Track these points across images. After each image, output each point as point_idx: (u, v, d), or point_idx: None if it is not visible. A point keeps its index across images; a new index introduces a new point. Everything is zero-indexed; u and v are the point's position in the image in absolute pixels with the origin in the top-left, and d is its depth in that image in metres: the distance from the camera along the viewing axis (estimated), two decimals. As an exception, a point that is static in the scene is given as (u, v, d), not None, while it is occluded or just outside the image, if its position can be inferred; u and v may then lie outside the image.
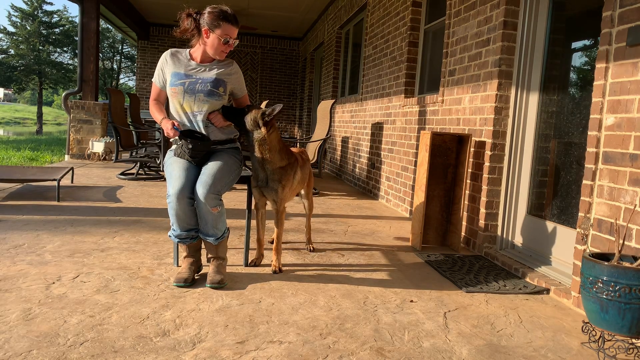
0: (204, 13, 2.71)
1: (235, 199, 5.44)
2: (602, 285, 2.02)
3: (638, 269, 1.98)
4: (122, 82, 46.79)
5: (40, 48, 35.94)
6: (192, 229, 2.72)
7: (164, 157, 2.89)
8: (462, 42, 4.17)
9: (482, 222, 3.69)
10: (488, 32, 3.74)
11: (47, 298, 2.34)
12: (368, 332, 2.20)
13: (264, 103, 10.47)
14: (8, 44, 36.07)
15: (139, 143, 7.32)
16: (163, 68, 2.81)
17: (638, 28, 2.37)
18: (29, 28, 35.74)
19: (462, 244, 3.95)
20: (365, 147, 6.94)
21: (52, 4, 44.24)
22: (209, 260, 2.79)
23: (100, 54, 34.28)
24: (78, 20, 9.00)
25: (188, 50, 2.84)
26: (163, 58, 2.82)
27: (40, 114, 34.29)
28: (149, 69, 13.48)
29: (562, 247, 3.13)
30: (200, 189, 2.57)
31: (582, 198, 2.68)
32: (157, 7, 11.40)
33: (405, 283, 2.92)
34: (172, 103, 2.79)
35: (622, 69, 2.48)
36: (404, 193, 5.30)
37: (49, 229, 3.63)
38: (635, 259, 2.14)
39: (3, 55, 36.15)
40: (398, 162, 5.58)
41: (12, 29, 36.36)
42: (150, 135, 10.68)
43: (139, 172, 6.87)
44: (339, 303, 2.53)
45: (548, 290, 2.89)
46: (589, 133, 2.65)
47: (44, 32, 36.51)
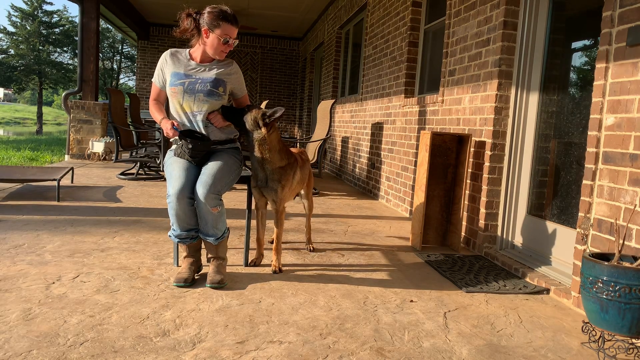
0: (204, 13, 2.71)
1: (235, 199, 5.44)
2: (602, 285, 2.02)
3: (638, 269, 1.98)
4: (122, 82, 46.84)
5: (40, 48, 35.94)
6: (192, 229, 2.72)
7: (164, 157, 2.89)
8: (462, 42, 4.17)
9: (482, 222, 3.69)
10: (488, 32, 3.74)
11: (47, 298, 2.34)
12: (368, 332, 2.20)
13: (264, 103, 10.47)
14: (8, 44, 36.09)
15: (139, 143, 7.32)
16: (163, 68, 2.81)
17: (638, 28, 2.37)
18: (29, 28, 35.75)
19: (462, 244, 3.95)
20: (365, 147, 6.94)
21: (52, 4, 44.32)
22: (209, 260, 2.79)
23: (100, 54, 34.27)
24: (78, 20, 9.00)
25: (188, 50, 2.84)
26: (163, 58, 2.82)
27: (40, 114, 34.29)
28: (149, 69, 13.48)
29: (562, 247, 3.13)
30: (200, 189, 2.58)
31: (582, 198, 2.68)
32: (157, 7, 11.41)
33: (405, 283, 2.92)
34: (171, 103, 2.79)
35: (622, 69, 2.48)
36: (404, 193, 5.30)
37: (49, 229, 3.63)
38: (635, 259, 2.14)
39: (3, 55, 36.16)
40: (398, 162, 5.58)
41: (12, 29, 36.38)
42: (150, 135, 10.68)
43: (139, 172, 6.87)
44: (339, 303, 2.53)
45: (548, 290, 2.90)
46: (589, 133, 2.65)
47: (44, 32, 36.51)
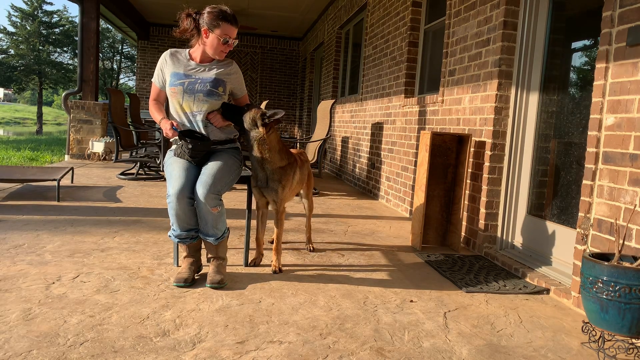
0: (204, 13, 2.71)
1: (235, 199, 5.44)
2: (602, 285, 2.02)
3: (638, 269, 1.98)
4: (122, 82, 46.82)
5: (40, 48, 35.94)
6: (192, 229, 2.72)
7: (164, 157, 2.89)
8: (462, 42, 4.17)
9: (482, 222, 3.69)
10: (488, 32, 3.74)
11: (47, 298, 2.34)
12: (368, 332, 2.20)
13: (264, 103, 10.47)
14: (8, 44, 36.08)
15: (139, 143, 7.32)
16: (162, 68, 2.81)
17: (638, 28, 2.37)
18: (29, 28, 35.74)
19: (462, 244, 3.95)
20: (365, 147, 6.94)
21: (52, 4, 44.30)
22: (209, 260, 2.79)
23: (100, 54, 34.26)
24: (78, 20, 9.00)
25: (187, 51, 2.84)
26: (162, 58, 2.82)
27: (40, 114, 34.29)
28: (149, 69, 13.48)
29: (562, 247, 3.13)
30: (200, 189, 2.58)
31: (582, 198, 2.68)
32: (157, 7, 11.41)
33: (405, 283, 2.92)
34: (171, 103, 2.79)
35: (622, 69, 2.48)
36: (404, 193, 5.30)
37: (49, 229, 3.63)
38: (635, 259, 2.14)
39: (3, 55, 36.16)
40: (398, 162, 5.58)
41: (12, 29, 36.38)
42: (150, 135, 10.67)
43: (139, 172, 6.87)
44: (339, 303, 2.53)
45: (548, 290, 2.89)
46: (589, 133, 2.65)
47: (44, 32, 36.51)
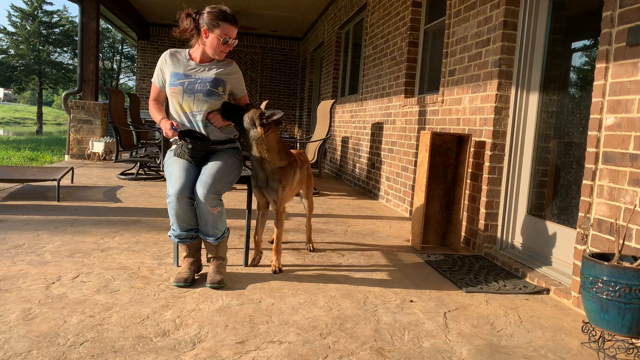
0: (203, 13, 2.71)
1: (235, 199, 5.44)
2: (602, 285, 2.02)
3: (638, 269, 1.98)
4: (122, 82, 46.82)
5: (40, 48, 35.94)
6: (192, 229, 2.72)
7: (164, 157, 2.89)
8: (462, 42, 4.17)
9: (482, 222, 3.69)
10: (488, 32, 3.74)
11: (47, 298, 2.34)
12: (368, 332, 2.20)
13: (264, 103, 10.47)
14: (8, 44, 36.08)
15: (139, 143, 7.32)
16: (162, 68, 2.81)
17: (638, 28, 2.37)
18: (29, 28, 35.74)
19: (462, 244, 3.95)
20: (365, 147, 6.93)
21: (52, 4, 44.31)
22: (209, 260, 2.79)
23: (100, 54, 34.26)
24: (78, 20, 9.00)
25: (187, 51, 2.84)
26: (162, 58, 2.82)
27: (40, 114, 34.29)
28: (149, 69, 13.48)
29: (562, 247, 3.13)
30: (200, 189, 2.57)
31: (582, 198, 2.68)
32: (157, 7, 11.40)
33: (405, 283, 2.92)
34: (171, 103, 2.79)
35: (622, 69, 2.48)
36: (404, 193, 5.30)
37: (49, 229, 3.63)
38: (635, 259, 2.14)
39: (3, 55, 36.16)
40: (398, 162, 5.57)
41: (12, 29, 36.38)
42: (150, 135, 10.67)
43: (139, 172, 6.87)
44: (339, 303, 2.53)
45: (548, 290, 2.89)
46: (589, 133, 2.65)
47: (44, 32, 36.51)
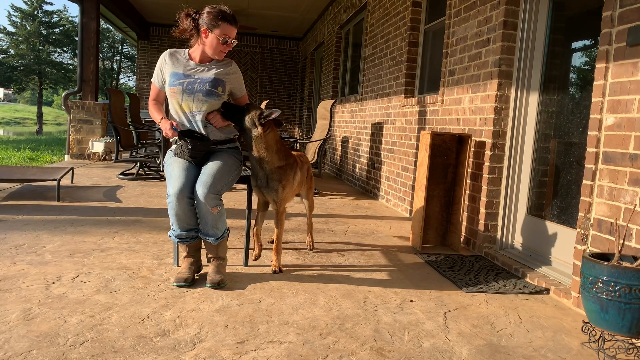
0: (203, 13, 2.71)
1: (235, 199, 5.44)
2: (602, 285, 2.02)
3: (638, 269, 1.98)
4: (122, 82, 46.81)
5: (40, 48, 35.94)
6: (192, 229, 2.72)
7: (164, 157, 2.89)
8: (462, 42, 4.17)
9: (482, 222, 3.69)
10: (488, 32, 3.74)
11: (47, 298, 2.34)
12: (368, 332, 2.20)
13: (264, 103, 10.47)
14: (8, 44, 36.08)
15: (139, 143, 7.32)
16: (162, 68, 2.81)
17: (638, 28, 2.37)
18: (29, 28, 35.74)
19: (462, 244, 3.95)
20: (365, 147, 6.93)
21: (52, 4, 44.31)
22: (209, 260, 2.79)
23: (100, 54, 34.27)
24: (78, 20, 9.00)
25: (187, 51, 2.84)
26: (162, 58, 2.82)
27: (40, 114, 34.29)
28: (149, 69, 13.48)
29: (562, 247, 3.13)
30: (200, 189, 2.57)
31: (582, 198, 2.68)
32: (157, 7, 11.40)
33: (405, 283, 2.92)
34: (171, 103, 2.79)
35: (622, 69, 2.48)
36: (404, 193, 5.30)
37: (49, 229, 3.63)
38: (635, 259, 2.14)
39: (3, 55, 36.16)
40: (398, 162, 5.57)
41: (12, 29, 36.38)
42: (150, 135, 10.67)
43: (139, 172, 6.87)
44: (339, 303, 2.53)
45: (548, 290, 2.89)
46: (589, 133, 2.65)
47: (44, 32, 36.50)
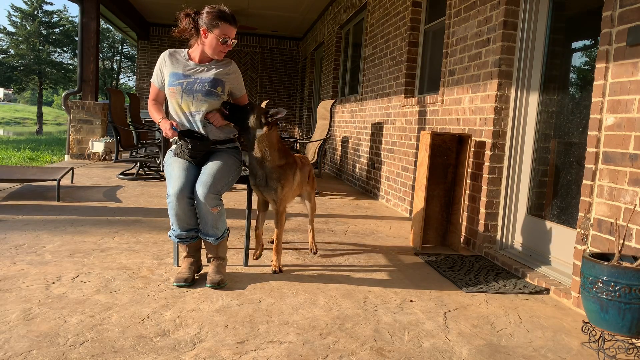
0: (203, 13, 2.71)
1: (235, 199, 5.44)
2: (602, 285, 2.02)
3: (638, 269, 1.98)
4: (122, 82, 46.81)
5: (40, 48, 35.94)
6: (192, 229, 2.72)
7: (164, 157, 2.89)
8: (462, 42, 4.17)
9: (482, 222, 3.69)
10: (488, 32, 3.74)
11: (47, 298, 2.34)
12: (368, 332, 2.20)
13: (264, 103, 10.47)
14: (8, 44, 36.08)
15: (139, 143, 7.32)
16: (162, 68, 2.81)
17: (638, 28, 2.37)
18: (29, 28, 35.74)
19: (462, 244, 3.95)
20: (365, 147, 6.93)
21: (52, 4, 44.32)
22: (209, 260, 2.79)
23: (100, 54, 34.26)
24: (78, 20, 9.00)
25: (186, 51, 2.84)
26: (161, 58, 2.82)
27: (40, 114, 34.29)
28: (149, 69, 13.48)
29: (562, 247, 3.13)
30: (200, 189, 2.57)
31: (582, 198, 2.68)
32: (157, 7, 11.40)
33: (405, 283, 2.92)
34: (170, 103, 2.79)
35: (622, 69, 2.48)
36: (404, 193, 5.30)
37: (49, 229, 3.63)
38: (635, 259, 2.14)
39: (3, 55, 36.16)
40: (398, 162, 5.57)
41: (12, 29, 36.38)
42: (150, 135, 10.68)
43: (139, 172, 6.87)
44: (339, 303, 2.53)
45: (548, 290, 2.89)
46: (589, 133, 2.65)
47: (44, 32, 36.50)
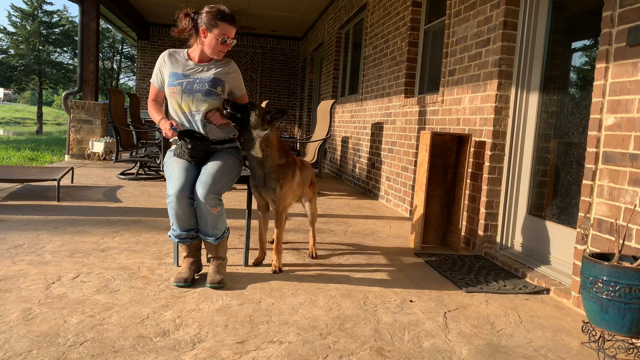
0: (202, 13, 2.71)
1: (235, 199, 5.44)
2: (602, 285, 2.02)
3: (638, 269, 1.98)
4: (122, 82, 46.81)
5: (40, 48, 35.93)
6: (192, 229, 2.72)
7: (164, 157, 2.89)
8: (462, 42, 4.17)
9: (482, 222, 3.69)
10: (488, 32, 3.74)
11: (47, 298, 2.34)
12: (368, 332, 2.20)
13: (264, 103, 10.47)
14: (8, 44, 36.08)
15: (139, 143, 7.32)
16: (161, 69, 2.81)
17: (638, 28, 2.37)
18: (29, 28, 35.74)
19: (462, 244, 3.95)
20: (365, 147, 6.93)
21: (52, 4, 44.34)
22: (209, 260, 2.79)
23: (100, 54, 34.27)
24: (78, 20, 9.00)
25: (186, 51, 2.84)
26: (161, 58, 2.82)
27: (40, 114, 34.29)
28: (149, 69, 13.47)
29: (562, 247, 3.13)
30: (200, 189, 2.57)
31: (582, 198, 2.68)
32: (157, 7, 11.40)
33: (405, 283, 2.92)
34: (170, 103, 2.79)
35: (622, 69, 2.47)
36: (404, 193, 5.30)
37: (49, 229, 3.63)
38: (635, 259, 2.14)
39: (3, 55, 36.15)
40: (398, 162, 5.57)
41: (12, 29, 36.38)
42: (150, 135, 10.67)
43: (139, 172, 6.87)
44: (339, 303, 2.53)
45: (548, 290, 2.89)
46: (589, 133, 2.65)
47: (44, 32, 36.50)
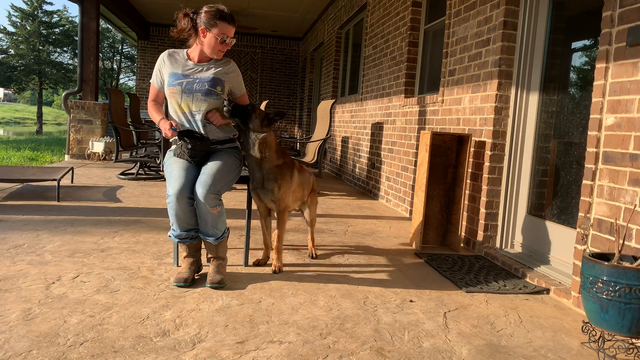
0: (201, 12, 2.71)
1: (235, 199, 5.44)
2: (602, 285, 2.02)
3: (638, 269, 1.98)
4: (122, 82, 46.81)
5: (40, 48, 35.93)
6: (192, 229, 2.72)
7: (164, 157, 2.89)
8: (462, 42, 4.17)
9: (482, 222, 3.69)
10: (488, 32, 3.74)
11: (47, 298, 2.34)
12: (368, 332, 2.20)
13: (264, 103, 10.47)
14: (8, 44, 36.08)
15: (139, 143, 7.32)
16: (161, 69, 2.81)
17: (638, 28, 2.37)
18: (29, 28, 35.73)
19: (462, 244, 3.95)
20: (365, 147, 6.93)
21: (52, 4, 44.32)
22: (209, 260, 2.79)
23: (100, 54, 34.28)
24: (78, 20, 9.00)
25: (185, 51, 2.84)
26: (160, 59, 2.83)
27: (40, 114, 34.29)
28: (149, 69, 13.47)
29: (562, 247, 3.13)
30: (200, 189, 2.57)
31: (582, 198, 2.68)
32: (157, 7, 11.41)
33: (405, 283, 2.92)
34: (170, 103, 2.79)
35: (622, 69, 2.48)
36: (404, 193, 5.30)
37: (49, 229, 3.63)
38: (635, 259, 2.14)
39: (3, 55, 36.15)
40: (398, 162, 5.57)
41: (12, 29, 36.37)
42: (150, 135, 10.68)
43: (139, 172, 6.87)
44: (339, 303, 2.53)
45: (548, 290, 2.89)
46: (589, 133, 2.65)
47: (44, 32, 36.50)
